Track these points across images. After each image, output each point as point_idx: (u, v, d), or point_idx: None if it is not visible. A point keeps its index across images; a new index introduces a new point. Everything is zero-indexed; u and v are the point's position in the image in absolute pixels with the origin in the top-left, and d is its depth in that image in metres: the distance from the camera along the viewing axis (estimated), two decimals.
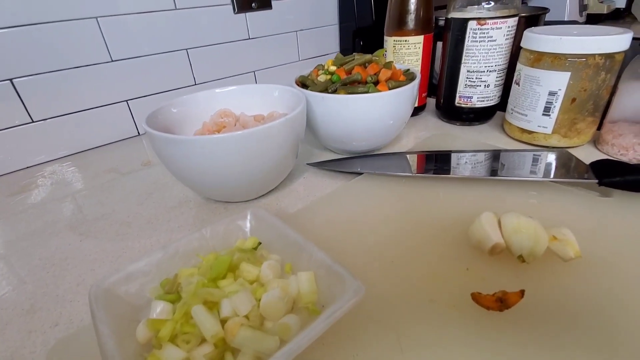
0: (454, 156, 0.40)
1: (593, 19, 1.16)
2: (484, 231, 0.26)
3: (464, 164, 0.39)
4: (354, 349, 0.21)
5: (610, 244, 0.27)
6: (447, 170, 0.38)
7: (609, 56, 0.37)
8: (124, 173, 0.46)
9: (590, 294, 0.23)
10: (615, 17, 1.25)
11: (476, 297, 0.23)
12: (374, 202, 0.35)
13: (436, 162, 0.40)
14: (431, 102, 0.59)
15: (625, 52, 0.37)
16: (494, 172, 0.37)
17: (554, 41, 0.37)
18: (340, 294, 0.20)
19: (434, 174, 0.37)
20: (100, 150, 0.53)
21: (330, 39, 0.76)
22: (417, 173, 0.38)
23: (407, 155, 0.42)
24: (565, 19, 1.07)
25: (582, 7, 1.07)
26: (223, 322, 0.20)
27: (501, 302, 0.22)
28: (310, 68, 0.45)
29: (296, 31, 0.70)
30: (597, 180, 0.32)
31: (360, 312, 0.23)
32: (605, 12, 1.15)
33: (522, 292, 0.23)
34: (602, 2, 1.16)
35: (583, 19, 1.10)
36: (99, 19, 0.49)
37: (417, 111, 0.57)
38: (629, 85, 0.38)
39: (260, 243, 0.26)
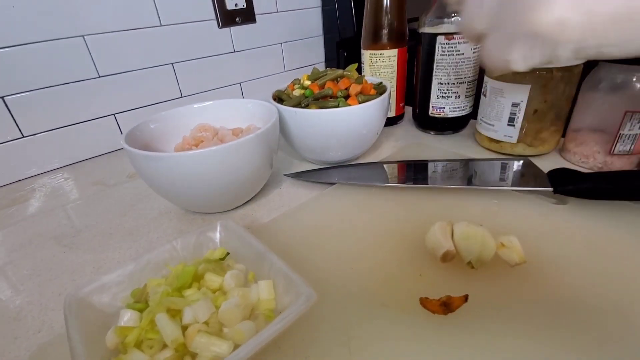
0: (425, 165, 0.42)
1: None
2: (436, 239, 0.28)
3: (433, 173, 0.41)
4: (307, 352, 0.23)
5: (557, 249, 0.29)
6: (416, 180, 0.40)
7: (567, 69, 0.39)
8: (109, 185, 0.48)
9: (532, 297, 0.25)
10: None
11: (423, 302, 0.25)
12: (343, 211, 0.36)
13: (408, 172, 0.42)
14: (409, 110, 0.61)
15: (582, 64, 0.39)
16: (461, 182, 0.38)
17: None
18: (294, 301, 0.22)
19: (405, 183, 0.39)
20: (89, 163, 0.55)
21: (315, 50, 0.78)
22: (388, 183, 0.40)
23: (383, 165, 0.44)
24: None
25: None
26: (185, 328, 0.22)
27: (445, 306, 0.24)
28: (297, 78, 0.47)
29: (281, 43, 0.72)
30: (552, 189, 0.34)
31: (316, 316, 0.25)
32: None
33: (465, 297, 0.25)
34: None
35: None
36: (85, 37, 0.51)
37: (395, 120, 0.59)
38: (588, 96, 0.40)
39: (228, 253, 0.28)
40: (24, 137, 0.50)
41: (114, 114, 0.56)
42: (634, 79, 0.36)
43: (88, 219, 0.40)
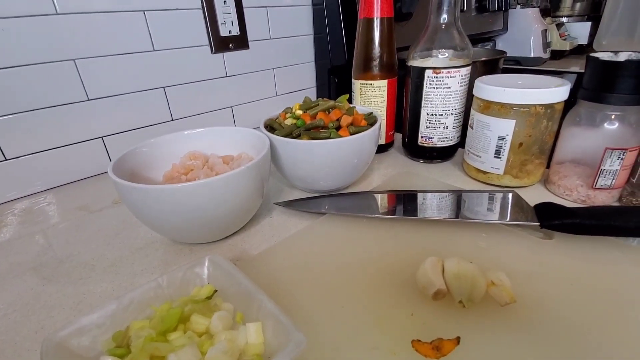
0: (415, 196, 0.43)
1: (557, 54, 1.24)
2: (427, 277, 0.28)
3: (423, 204, 0.41)
4: None
5: (546, 287, 0.29)
6: (406, 211, 0.40)
7: (549, 106, 0.40)
8: (93, 211, 0.46)
9: (522, 336, 0.25)
10: (579, 52, 1.34)
11: (415, 345, 0.24)
12: (333, 244, 0.36)
13: (398, 202, 0.42)
14: (399, 137, 0.62)
15: (564, 102, 0.41)
16: (450, 213, 0.39)
17: (499, 92, 0.40)
18: (283, 347, 0.21)
19: (395, 214, 0.39)
20: (73, 187, 0.54)
21: (306, 75, 0.79)
22: (378, 213, 0.40)
23: (373, 194, 0.44)
24: (531, 55, 1.15)
25: (546, 45, 1.15)
26: None
27: (437, 350, 0.24)
28: (287, 103, 0.47)
29: (273, 68, 0.73)
30: (539, 223, 0.35)
31: (306, 359, 0.24)
32: (568, 48, 1.23)
33: (457, 339, 0.24)
34: (565, 40, 1.24)
35: (547, 55, 1.18)
36: (76, 61, 0.51)
37: (385, 148, 0.59)
38: (569, 132, 0.41)
39: (216, 291, 0.27)
40: (6, 159, 0.49)
41: (101, 137, 0.55)
42: (612, 117, 0.38)
43: (70, 248, 0.39)
